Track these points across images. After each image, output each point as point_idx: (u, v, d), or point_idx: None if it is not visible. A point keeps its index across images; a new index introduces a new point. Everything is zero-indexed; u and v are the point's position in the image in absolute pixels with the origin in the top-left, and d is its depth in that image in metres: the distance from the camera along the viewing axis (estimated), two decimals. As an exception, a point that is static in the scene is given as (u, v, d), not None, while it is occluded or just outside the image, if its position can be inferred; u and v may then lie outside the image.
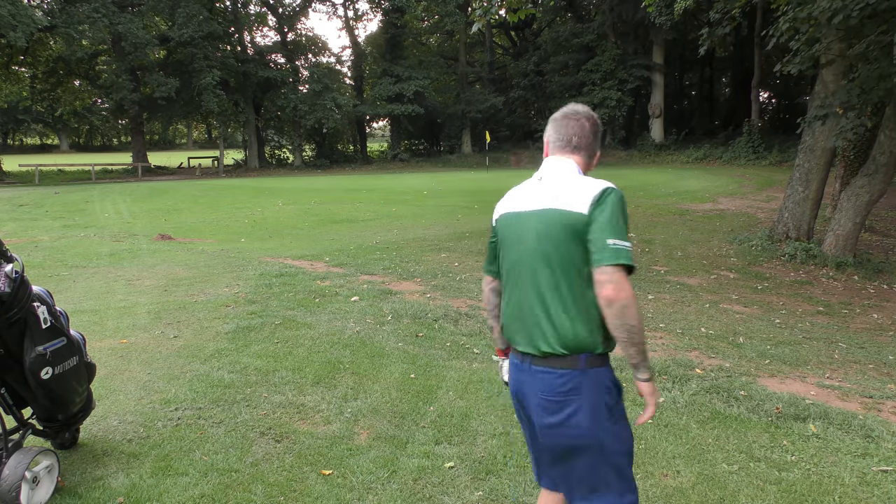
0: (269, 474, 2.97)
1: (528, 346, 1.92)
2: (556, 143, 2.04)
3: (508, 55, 44.86)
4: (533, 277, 1.90)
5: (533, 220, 1.91)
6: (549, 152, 2.06)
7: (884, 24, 7.34)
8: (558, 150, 2.03)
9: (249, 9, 34.68)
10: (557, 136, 2.04)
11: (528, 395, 1.94)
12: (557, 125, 2.04)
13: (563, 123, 2.03)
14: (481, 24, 8.51)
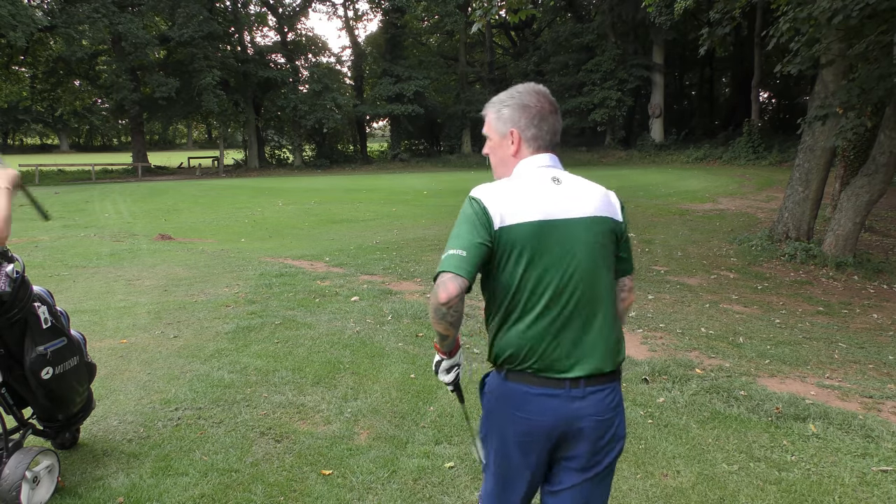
0: (269, 474, 2.97)
1: (584, 369, 1.70)
2: (545, 139, 1.78)
3: (508, 55, 44.87)
4: (592, 293, 1.72)
5: (581, 230, 1.70)
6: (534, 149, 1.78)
7: (884, 24, 7.33)
8: (548, 147, 1.79)
9: (249, 9, 34.68)
10: (548, 131, 1.78)
11: (581, 419, 1.71)
12: (545, 118, 1.77)
13: (553, 118, 1.79)
14: (481, 24, 8.51)
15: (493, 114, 1.82)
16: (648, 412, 3.73)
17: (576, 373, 1.70)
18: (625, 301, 1.86)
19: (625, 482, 2.96)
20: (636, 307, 6.42)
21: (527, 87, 1.81)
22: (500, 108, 1.79)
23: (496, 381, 1.77)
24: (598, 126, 35.57)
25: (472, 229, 1.71)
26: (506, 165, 1.81)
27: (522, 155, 1.78)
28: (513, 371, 1.72)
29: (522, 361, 1.70)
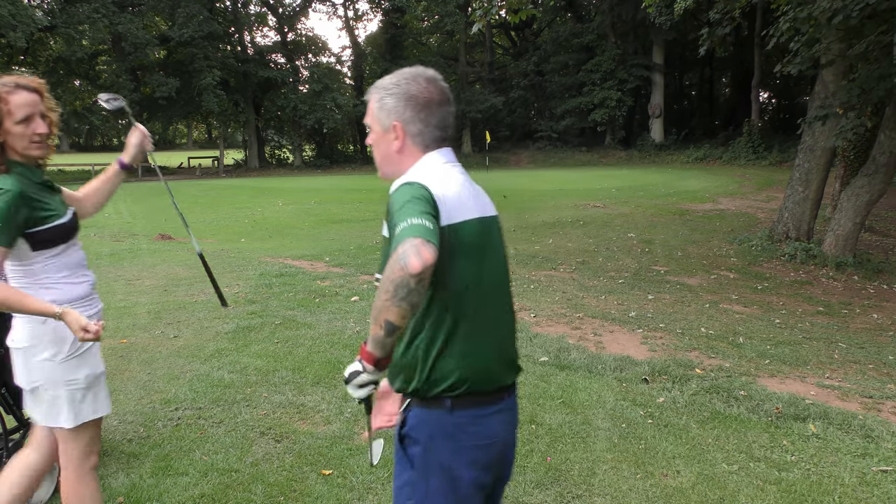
0: (269, 474, 2.97)
1: (512, 376, 1.61)
2: (433, 134, 1.57)
3: (508, 55, 44.87)
4: (506, 294, 1.62)
5: (495, 229, 1.61)
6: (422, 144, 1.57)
7: (884, 24, 7.34)
8: (438, 142, 1.58)
9: (249, 9, 34.71)
10: (437, 126, 1.57)
11: (514, 428, 1.63)
12: (433, 111, 1.55)
13: (443, 110, 1.57)
14: (481, 24, 8.52)
15: (375, 102, 1.62)
16: (648, 412, 3.74)
17: (507, 380, 1.59)
18: None
19: (625, 482, 2.96)
20: (636, 307, 6.43)
21: (414, 71, 1.60)
22: (382, 97, 1.60)
23: (436, 417, 1.49)
24: (598, 126, 35.58)
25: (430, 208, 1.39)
26: (390, 162, 1.60)
27: (409, 151, 1.57)
28: (460, 396, 1.48)
29: (474, 382, 1.49)
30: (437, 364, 1.47)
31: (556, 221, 12.33)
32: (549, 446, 3.28)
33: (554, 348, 4.85)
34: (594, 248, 9.74)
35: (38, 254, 1.99)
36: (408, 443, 1.51)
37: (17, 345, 2.02)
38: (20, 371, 2.03)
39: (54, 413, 2.03)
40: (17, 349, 2.02)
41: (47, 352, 1.98)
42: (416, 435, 1.50)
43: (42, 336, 1.97)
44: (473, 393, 1.49)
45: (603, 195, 17.03)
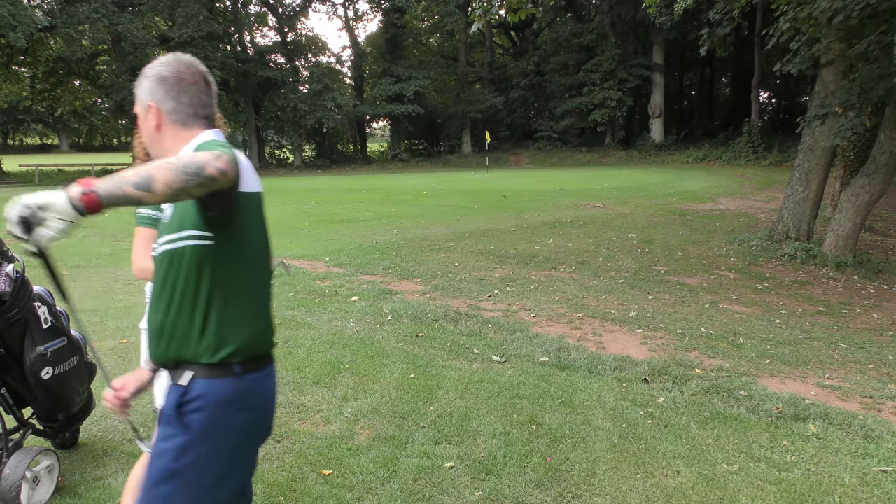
0: (269, 474, 2.97)
1: (272, 344, 1.72)
2: (185, 112, 1.61)
3: (508, 55, 44.88)
4: (267, 267, 1.68)
5: (262, 203, 1.68)
6: (178, 122, 1.61)
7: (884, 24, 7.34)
8: (192, 120, 1.62)
9: (249, 9, 34.72)
10: (189, 104, 1.61)
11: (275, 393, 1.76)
12: (184, 90, 1.61)
13: (196, 88, 1.63)
14: (481, 24, 8.51)
15: (136, 89, 1.67)
16: (648, 412, 3.73)
17: (273, 345, 1.71)
18: None
19: (625, 482, 2.96)
20: (636, 307, 6.43)
21: (169, 56, 1.66)
22: (140, 82, 1.66)
23: (224, 383, 1.52)
24: (598, 126, 35.61)
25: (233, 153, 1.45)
26: (154, 141, 1.63)
27: (167, 129, 1.61)
28: (247, 361, 1.56)
29: (256, 346, 1.60)
30: (223, 330, 1.51)
31: (556, 221, 12.33)
32: (549, 446, 3.28)
33: (554, 348, 4.85)
34: (594, 248, 9.74)
35: None
36: (188, 410, 1.50)
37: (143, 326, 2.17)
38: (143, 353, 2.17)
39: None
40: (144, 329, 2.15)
41: None
42: (201, 403, 1.50)
43: None
44: (256, 357, 1.61)
45: (603, 195, 17.03)
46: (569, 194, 17.42)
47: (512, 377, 4.25)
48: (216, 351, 1.50)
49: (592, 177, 24.00)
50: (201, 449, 1.50)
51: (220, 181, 1.30)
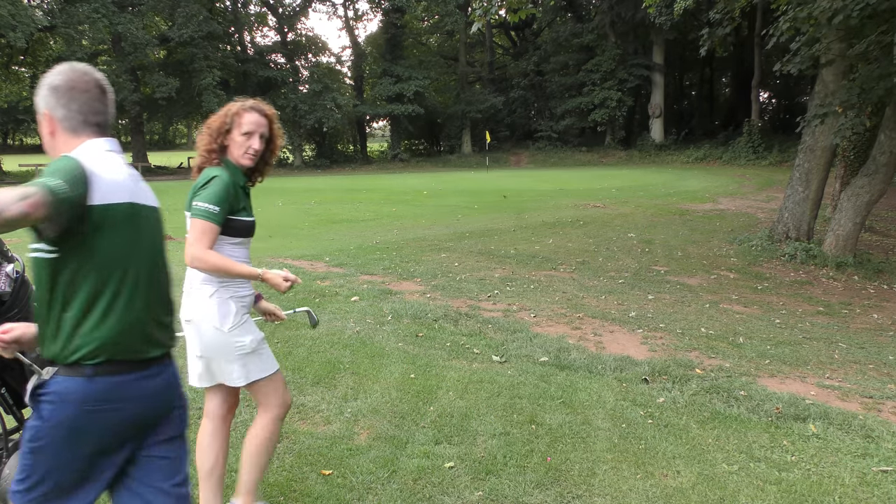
0: (269, 474, 2.97)
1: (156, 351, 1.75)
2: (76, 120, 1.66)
3: (508, 55, 44.89)
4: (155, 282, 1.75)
5: (152, 218, 1.75)
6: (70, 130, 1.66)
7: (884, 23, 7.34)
8: (97, 129, 1.69)
9: (249, 9, 34.73)
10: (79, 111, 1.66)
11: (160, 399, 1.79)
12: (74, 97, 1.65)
13: (86, 97, 1.67)
14: (481, 24, 8.51)
15: (35, 94, 1.73)
16: (648, 412, 3.73)
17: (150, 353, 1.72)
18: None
19: (625, 482, 2.96)
20: (636, 307, 6.43)
21: (63, 66, 1.71)
22: (38, 91, 1.69)
23: (75, 382, 1.59)
24: (598, 126, 35.61)
25: (69, 178, 1.50)
26: (49, 148, 1.71)
27: (59, 136, 1.67)
28: (100, 364, 1.60)
29: (113, 352, 1.62)
30: (77, 332, 1.59)
31: (556, 221, 12.33)
32: (549, 446, 3.28)
33: (554, 348, 4.85)
34: (594, 248, 9.74)
35: (223, 238, 2.31)
36: (42, 399, 1.62)
37: (190, 317, 2.34)
38: (193, 341, 2.35)
39: (232, 375, 2.37)
40: (189, 321, 2.34)
41: (216, 322, 2.31)
42: (53, 397, 1.60)
43: (211, 310, 2.31)
44: (113, 362, 1.63)
45: (603, 195, 17.03)
46: (569, 194, 17.43)
47: (512, 377, 4.25)
48: (70, 353, 1.59)
49: (592, 177, 24.00)
50: (47, 437, 1.61)
51: (22, 222, 1.41)
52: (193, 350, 2.37)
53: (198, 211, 2.22)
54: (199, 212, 2.22)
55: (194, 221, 2.22)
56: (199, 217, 2.22)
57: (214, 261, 2.21)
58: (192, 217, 2.23)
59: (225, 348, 2.33)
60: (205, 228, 2.22)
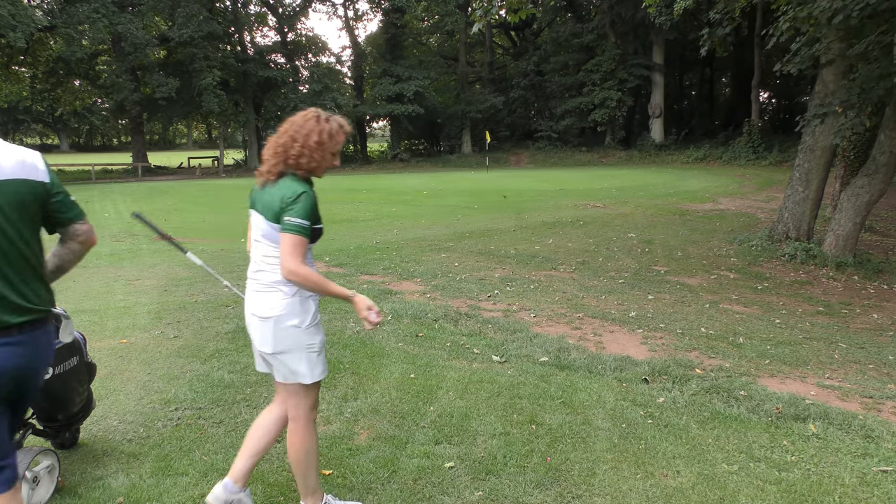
0: (269, 474, 2.97)
1: (14, 319, 1.92)
2: None
3: (508, 55, 44.89)
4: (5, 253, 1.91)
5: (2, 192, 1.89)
6: None
7: (884, 23, 7.34)
8: None
9: (249, 9, 34.71)
10: None
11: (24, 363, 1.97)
12: None
13: None
14: (481, 24, 8.51)
15: None
16: (648, 412, 3.73)
17: (8, 321, 1.88)
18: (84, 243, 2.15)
19: (625, 482, 2.96)
20: (636, 307, 6.43)
21: None
22: None
23: None
24: (598, 126, 35.61)
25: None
26: None
27: None
28: None
29: None
30: None
31: (556, 221, 12.33)
32: (549, 446, 3.28)
33: (554, 348, 4.85)
34: (594, 248, 9.74)
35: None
36: None
37: (269, 314, 2.41)
38: (268, 336, 2.42)
39: (295, 372, 2.46)
40: (268, 318, 2.41)
41: (296, 320, 2.43)
42: None
43: (292, 307, 2.42)
44: None
45: (603, 195, 17.03)
46: (569, 194, 17.43)
47: (512, 377, 4.25)
48: None
49: (592, 177, 24.00)
50: None
51: None
52: (265, 347, 2.44)
53: (292, 226, 2.32)
54: (293, 227, 2.32)
55: (289, 236, 2.32)
56: (293, 232, 2.32)
57: (312, 276, 2.37)
58: (286, 232, 2.32)
59: (299, 346, 2.43)
60: (297, 243, 2.33)
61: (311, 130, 2.43)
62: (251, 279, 2.51)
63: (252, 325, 2.48)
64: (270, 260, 2.43)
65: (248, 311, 2.49)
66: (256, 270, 2.48)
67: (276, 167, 2.42)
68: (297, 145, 2.40)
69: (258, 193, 2.47)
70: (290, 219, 2.32)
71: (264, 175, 2.43)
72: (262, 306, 2.43)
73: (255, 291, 2.47)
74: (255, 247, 2.50)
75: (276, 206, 2.35)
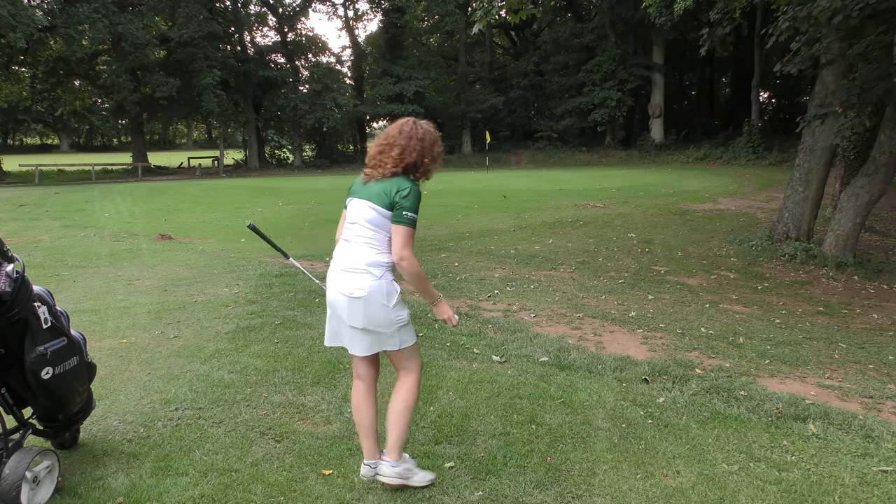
0: (269, 474, 2.97)
1: None
2: None
3: (508, 55, 44.88)
4: None
5: None
6: None
7: (884, 23, 7.34)
8: None
9: (249, 9, 34.69)
10: None
11: None
12: None
13: None
14: (482, 24, 8.51)
15: None
16: (648, 412, 3.73)
17: None
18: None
19: (625, 482, 2.96)
20: (636, 307, 6.43)
21: None
22: None
23: None
24: (598, 126, 35.60)
25: None
26: None
27: None
28: None
29: None
30: None
31: (556, 221, 12.33)
32: (549, 446, 3.28)
33: (554, 348, 4.85)
34: (594, 248, 9.75)
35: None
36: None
37: (359, 294, 2.64)
38: (359, 314, 2.66)
39: (388, 343, 2.73)
40: (358, 298, 2.64)
41: (384, 298, 2.66)
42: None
43: (379, 288, 2.65)
44: None
45: (603, 195, 17.03)
46: (569, 194, 17.43)
47: (512, 377, 4.25)
48: None
49: (592, 177, 24.00)
50: None
51: None
52: (356, 322, 2.68)
53: (407, 219, 2.62)
54: (408, 220, 2.62)
55: (403, 228, 2.61)
56: (406, 224, 2.62)
57: (417, 268, 2.65)
58: (400, 224, 2.61)
59: (389, 321, 2.68)
60: (410, 234, 2.62)
61: (434, 141, 2.76)
62: (340, 260, 2.75)
63: (339, 302, 2.71)
64: (371, 242, 2.68)
65: (336, 290, 2.72)
66: (349, 252, 2.72)
67: (393, 169, 2.68)
68: (417, 153, 2.70)
69: (361, 187, 2.76)
70: (407, 213, 2.62)
71: (375, 175, 2.71)
72: (352, 286, 2.66)
73: (343, 271, 2.71)
74: (350, 230, 2.75)
75: (391, 195, 2.63)
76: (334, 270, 2.77)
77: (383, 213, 2.63)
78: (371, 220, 2.66)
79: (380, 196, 2.64)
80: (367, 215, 2.67)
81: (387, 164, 2.68)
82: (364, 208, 2.69)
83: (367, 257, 2.67)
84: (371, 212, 2.66)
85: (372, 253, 2.67)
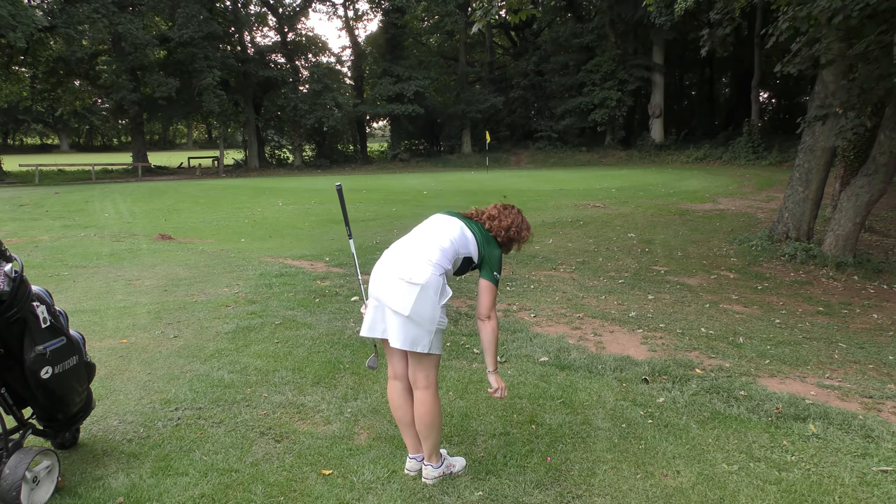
0: (269, 474, 2.97)
1: None
2: None
3: (508, 55, 44.88)
4: None
5: None
6: None
7: (884, 23, 7.34)
8: None
9: (249, 9, 34.68)
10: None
11: None
12: None
13: None
14: (481, 24, 8.50)
15: None
16: (648, 412, 3.73)
17: None
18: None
19: (625, 482, 2.96)
20: (636, 307, 6.42)
21: None
22: None
23: None
24: (598, 126, 35.60)
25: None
26: None
27: None
28: None
29: None
30: None
31: (556, 221, 12.33)
32: (549, 446, 3.28)
33: (554, 348, 4.85)
34: (594, 248, 9.74)
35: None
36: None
37: (419, 281, 2.72)
38: (410, 299, 2.71)
39: (419, 341, 2.77)
40: (417, 284, 2.71)
41: (436, 295, 2.76)
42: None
43: (437, 283, 2.77)
44: None
45: (603, 195, 17.03)
46: (569, 194, 17.42)
47: (512, 377, 4.25)
48: None
49: (592, 177, 23.99)
50: None
51: None
52: (403, 309, 2.71)
53: (495, 279, 2.90)
54: (495, 280, 2.90)
55: (490, 285, 2.87)
56: (493, 282, 2.89)
57: (496, 330, 2.90)
58: (489, 281, 2.88)
59: (432, 318, 2.76)
60: (495, 292, 2.89)
61: (526, 228, 3.18)
62: (404, 250, 2.90)
63: (392, 286, 2.77)
64: (444, 250, 2.84)
65: (395, 275, 2.77)
66: (417, 246, 2.88)
67: (494, 229, 3.02)
68: (513, 231, 3.10)
69: (461, 215, 3.04)
70: (496, 273, 2.90)
71: (483, 220, 3.04)
72: (413, 272, 2.75)
73: (405, 257, 2.83)
74: (424, 232, 2.97)
75: (481, 247, 2.94)
76: (391, 260, 2.87)
77: (470, 247, 2.90)
78: (456, 240, 2.87)
79: (477, 236, 2.93)
80: (455, 234, 2.89)
81: (495, 222, 3.02)
82: (455, 229, 2.91)
83: (435, 257, 2.80)
84: (461, 235, 2.90)
85: (440, 256, 2.81)
